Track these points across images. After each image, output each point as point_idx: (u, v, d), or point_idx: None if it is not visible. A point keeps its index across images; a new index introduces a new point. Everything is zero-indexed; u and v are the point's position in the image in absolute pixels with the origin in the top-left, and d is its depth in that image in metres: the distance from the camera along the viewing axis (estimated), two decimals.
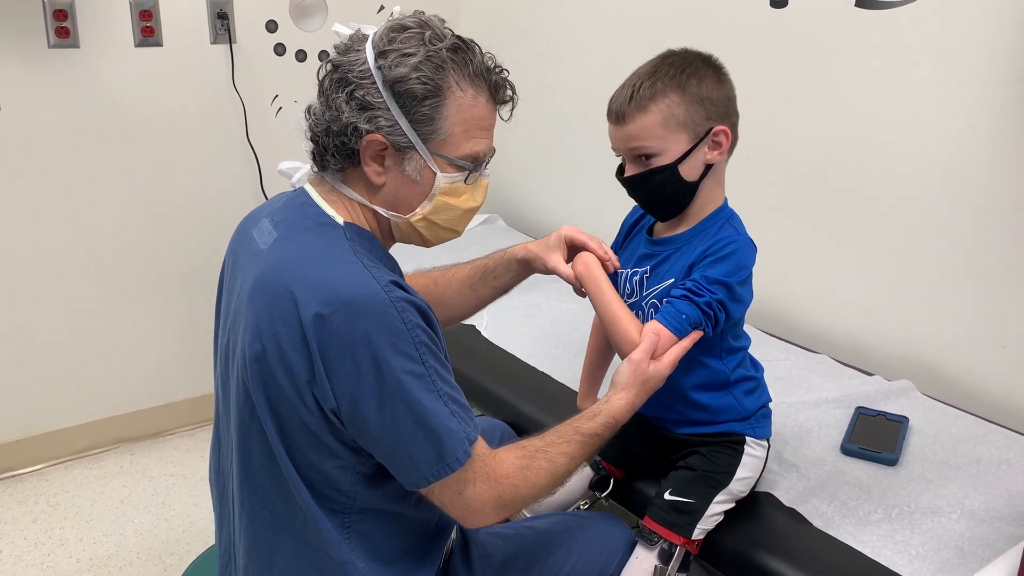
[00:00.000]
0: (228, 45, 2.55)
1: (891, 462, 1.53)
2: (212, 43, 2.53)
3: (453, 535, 1.32)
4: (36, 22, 2.27)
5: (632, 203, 1.44)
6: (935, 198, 1.81)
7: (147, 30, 2.42)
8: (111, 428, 2.66)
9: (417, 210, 1.19)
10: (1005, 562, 1.13)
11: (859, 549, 1.33)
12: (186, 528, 2.30)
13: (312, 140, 1.19)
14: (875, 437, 1.59)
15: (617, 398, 1.27)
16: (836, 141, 1.97)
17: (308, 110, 1.20)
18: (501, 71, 1.18)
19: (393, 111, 1.12)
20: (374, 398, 1.06)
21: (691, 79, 1.27)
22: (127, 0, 2.38)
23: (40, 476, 2.53)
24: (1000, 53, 1.65)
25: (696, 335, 1.29)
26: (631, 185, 1.34)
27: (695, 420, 1.40)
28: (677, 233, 1.37)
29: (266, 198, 2.70)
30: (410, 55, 1.11)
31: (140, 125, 2.49)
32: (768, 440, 1.43)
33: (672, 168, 1.29)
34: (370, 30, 1.16)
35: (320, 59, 1.22)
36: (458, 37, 1.16)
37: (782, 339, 2.06)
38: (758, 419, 1.41)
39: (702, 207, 1.35)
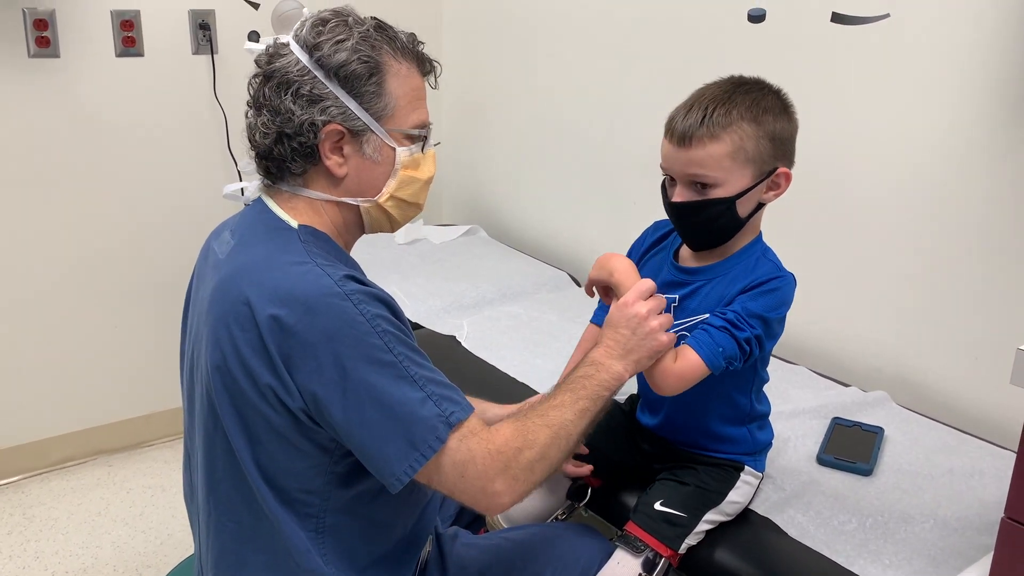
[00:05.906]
0: (210, 55, 2.55)
1: (866, 472, 1.54)
2: (194, 53, 2.53)
3: (428, 546, 1.31)
4: (16, 31, 2.26)
5: (635, 219, 1.43)
6: (910, 211, 1.83)
7: (128, 40, 2.42)
8: (88, 439, 2.64)
9: (384, 190, 1.21)
10: (976, 571, 1.14)
11: (833, 559, 1.34)
12: (163, 540, 2.28)
13: (262, 156, 1.19)
14: (851, 447, 1.61)
15: (598, 348, 1.24)
16: (811, 153, 1.97)
17: (249, 128, 1.20)
18: (419, 42, 1.23)
19: (342, 97, 1.15)
20: (338, 394, 1.05)
21: (767, 113, 1.23)
22: (108, 10, 2.37)
23: (16, 488, 2.50)
24: (971, 66, 1.68)
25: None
26: (681, 212, 1.28)
27: (705, 447, 1.41)
28: (709, 264, 1.33)
29: None
30: (344, 40, 1.14)
31: (120, 136, 2.48)
32: (762, 474, 1.45)
33: (730, 202, 1.24)
34: (286, 37, 1.19)
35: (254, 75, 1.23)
36: (375, 18, 1.20)
37: None
38: (762, 453, 1.44)
39: (739, 239, 1.32)
